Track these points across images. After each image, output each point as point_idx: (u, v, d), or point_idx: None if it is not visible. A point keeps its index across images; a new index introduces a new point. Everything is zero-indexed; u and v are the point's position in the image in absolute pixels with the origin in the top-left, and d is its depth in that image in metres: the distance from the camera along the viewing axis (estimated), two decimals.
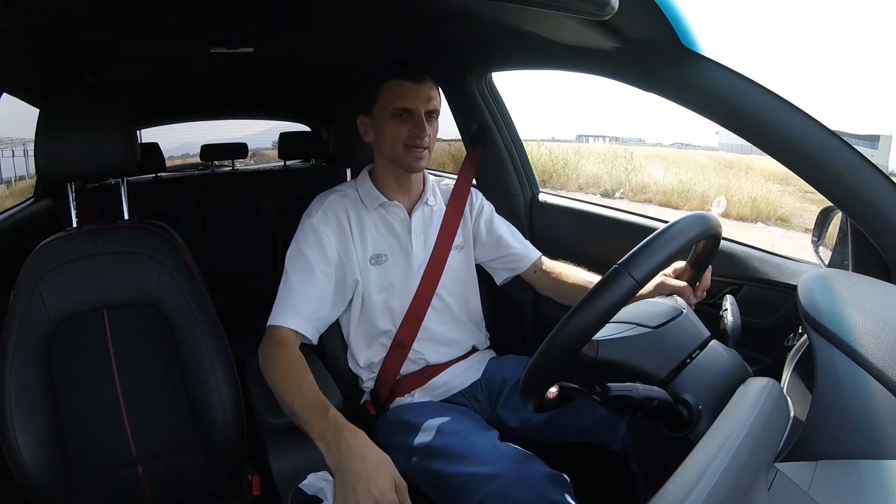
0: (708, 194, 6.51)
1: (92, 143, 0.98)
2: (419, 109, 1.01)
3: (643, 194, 6.97)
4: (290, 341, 0.95)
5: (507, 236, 1.20)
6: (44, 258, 0.99)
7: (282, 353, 0.92)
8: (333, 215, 1.05)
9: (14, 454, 0.93)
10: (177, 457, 1.05)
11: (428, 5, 1.01)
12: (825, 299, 0.63)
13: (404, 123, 1.02)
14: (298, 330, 0.97)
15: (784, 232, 5.46)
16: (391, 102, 1.02)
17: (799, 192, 5.98)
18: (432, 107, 1.03)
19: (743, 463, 0.46)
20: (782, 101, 0.78)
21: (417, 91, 1.01)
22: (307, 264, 1.01)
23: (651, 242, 0.63)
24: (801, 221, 5.61)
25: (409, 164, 1.04)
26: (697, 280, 0.88)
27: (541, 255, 1.21)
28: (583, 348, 0.63)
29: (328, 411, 0.78)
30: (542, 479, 0.83)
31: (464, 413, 1.03)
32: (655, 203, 6.49)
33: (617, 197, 7.03)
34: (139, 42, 1.23)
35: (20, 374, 0.94)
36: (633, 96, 1.65)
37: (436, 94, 1.05)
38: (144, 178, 2.36)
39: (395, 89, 1.02)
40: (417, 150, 1.02)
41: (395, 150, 1.03)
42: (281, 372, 0.88)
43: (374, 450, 0.73)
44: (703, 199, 6.44)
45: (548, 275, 1.17)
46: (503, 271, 1.22)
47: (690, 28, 0.79)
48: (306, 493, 0.91)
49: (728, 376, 0.64)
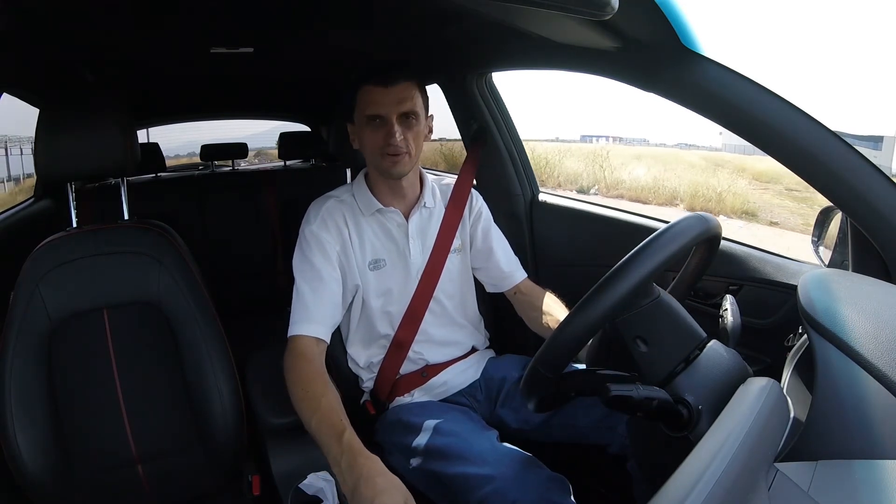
0: (677, 190, 7.10)
1: (92, 143, 0.98)
2: (390, 115, 0.98)
3: (616, 190, 7.53)
4: (312, 352, 0.93)
5: (498, 251, 1.18)
6: (44, 258, 0.99)
7: (303, 367, 0.90)
8: (332, 221, 1.04)
9: (14, 454, 0.93)
10: (177, 457, 1.05)
11: (428, 5, 1.00)
12: (825, 299, 0.63)
13: (378, 130, 0.99)
14: (319, 336, 0.95)
15: (743, 224, 5.77)
16: (364, 109, 0.99)
17: (782, 191, 6.23)
18: (407, 109, 0.99)
19: (743, 463, 0.46)
20: (782, 101, 0.78)
21: (386, 96, 0.97)
22: (315, 272, 1.00)
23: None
24: (770, 216, 6.01)
25: (388, 171, 1.02)
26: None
27: (525, 278, 1.19)
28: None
29: (343, 435, 0.76)
30: (541, 480, 0.83)
31: (463, 413, 1.03)
32: (626, 198, 7.08)
33: (592, 193, 7.41)
34: (139, 42, 1.23)
35: (20, 374, 0.94)
36: (639, 97, 1.66)
37: (411, 94, 0.99)
38: (144, 178, 2.36)
39: (366, 96, 0.99)
40: (393, 157, 0.99)
41: (374, 158, 1.02)
42: (301, 389, 0.87)
43: (387, 477, 0.71)
44: (671, 195, 7.00)
45: (524, 298, 1.16)
46: (487, 284, 1.22)
47: (690, 28, 0.79)
48: (306, 493, 0.91)
49: (728, 376, 0.64)
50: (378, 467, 0.72)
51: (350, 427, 0.79)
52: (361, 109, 1.00)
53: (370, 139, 1.00)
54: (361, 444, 0.76)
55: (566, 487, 0.83)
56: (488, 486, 0.82)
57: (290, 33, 1.24)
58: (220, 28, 1.18)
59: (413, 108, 0.99)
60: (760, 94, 0.79)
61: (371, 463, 0.72)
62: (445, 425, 0.96)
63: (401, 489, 0.70)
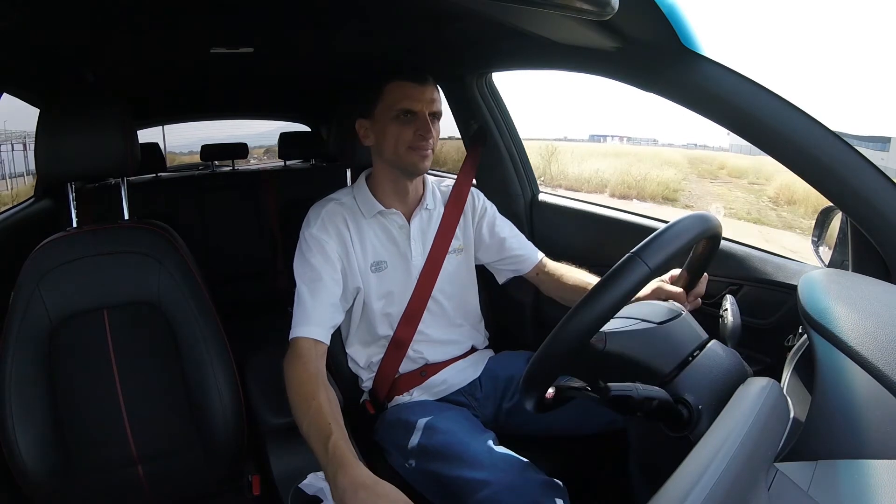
0: (609, 180, 8.60)
1: (92, 143, 0.98)
2: (423, 111, 1.00)
3: (557, 181, 8.93)
4: (309, 353, 0.93)
5: (510, 238, 1.20)
6: (44, 258, 0.99)
7: (298, 369, 0.89)
8: (332, 224, 1.04)
9: (14, 454, 0.93)
10: (177, 457, 1.05)
11: (428, 5, 1.00)
12: (825, 299, 0.63)
13: (408, 125, 1.00)
14: (317, 338, 0.95)
15: (654, 206, 7.22)
16: (395, 104, 1.00)
17: (745, 184, 7.24)
18: (436, 108, 1.03)
19: (743, 463, 0.46)
20: (782, 102, 0.78)
21: (421, 93, 1.00)
22: (315, 273, 1.00)
23: (663, 234, 0.64)
24: (694, 202, 7.30)
25: (414, 164, 1.02)
26: (693, 286, 0.89)
27: (543, 257, 1.20)
28: (591, 339, 0.63)
29: (328, 441, 0.75)
30: (536, 486, 0.83)
31: (461, 413, 1.03)
32: (564, 187, 8.40)
33: (539, 181, 8.61)
34: (139, 42, 1.23)
35: (20, 374, 0.94)
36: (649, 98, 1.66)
37: (438, 95, 1.04)
38: (144, 178, 2.36)
39: (398, 91, 1.00)
40: (422, 151, 1.02)
41: (398, 152, 1.02)
42: (294, 391, 0.86)
43: (371, 489, 0.68)
44: (600, 183, 8.47)
45: (550, 276, 1.17)
46: (506, 272, 1.22)
47: (690, 28, 0.79)
48: (306, 493, 0.91)
49: (728, 376, 0.64)
50: (361, 479, 0.69)
51: (339, 430, 0.77)
52: (391, 104, 1.01)
53: (398, 133, 1.01)
54: (347, 451, 0.73)
55: (562, 492, 0.83)
56: (483, 490, 0.83)
57: (290, 33, 1.24)
58: (220, 28, 1.18)
59: (439, 109, 1.04)
60: (760, 94, 0.79)
61: (354, 473, 0.70)
62: (443, 425, 0.96)
63: (388, 498, 0.67)
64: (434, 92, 1.03)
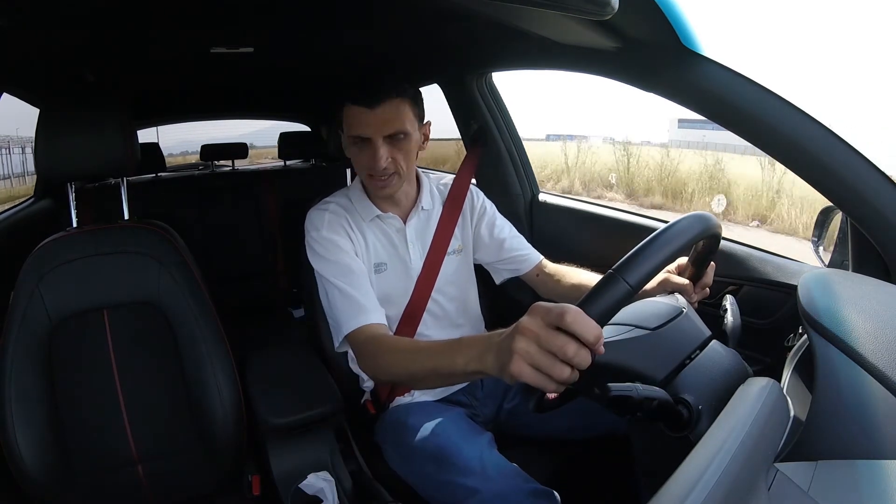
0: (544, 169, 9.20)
1: (92, 143, 0.98)
2: (375, 137, 0.94)
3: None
4: (380, 332, 0.91)
5: (510, 239, 1.19)
6: (44, 258, 0.99)
7: (382, 343, 0.86)
8: (339, 225, 1.03)
9: (14, 454, 0.93)
10: (177, 457, 1.05)
11: (428, 5, 1.00)
12: (825, 299, 0.63)
13: (364, 151, 0.96)
14: (377, 322, 0.93)
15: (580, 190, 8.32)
16: (349, 130, 0.97)
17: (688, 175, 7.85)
18: (394, 130, 0.94)
19: (743, 463, 0.46)
20: (782, 101, 0.78)
21: (371, 118, 0.93)
22: (345, 267, 0.98)
23: (646, 247, 0.62)
24: (634, 190, 8.04)
25: (376, 192, 1.02)
26: (699, 277, 0.88)
27: (542, 258, 1.20)
28: None
29: (457, 343, 0.68)
30: (524, 496, 0.82)
31: (459, 416, 1.03)
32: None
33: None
34: (139, 42, 1.23)
35: (20, 374, 0.94)
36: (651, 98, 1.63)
37: (398, 112, 0.94)
38: (144, 178, 2.35)
39: (350, 115, 0.96)
40: (379, 180, 0.98)
41: (362, 177, 1.02)
42: (393, 359, 0.81)
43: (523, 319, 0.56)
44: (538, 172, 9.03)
45: (550, 277, 1.16)
46: (505, 272, 1.21)
47: (690, 28, 0.79)
48: (306, 493, 0.91)
49: (728, 376, 0.64)
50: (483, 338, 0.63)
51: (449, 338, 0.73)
52: (347, 129, 0.98)
53: (356, 159, 0.99)
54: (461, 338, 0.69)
55: (552, 501, 0.82)
56: (471, 498, 0.83)
57: (290, 33, 1.24)
58: (220, 28, 1.18)
59: (401, 128, 0.95)
60: (760, 94, 0.79)
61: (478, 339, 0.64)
62: (439, 428, 0.96)
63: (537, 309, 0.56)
64: (390, 112, 0.94)
